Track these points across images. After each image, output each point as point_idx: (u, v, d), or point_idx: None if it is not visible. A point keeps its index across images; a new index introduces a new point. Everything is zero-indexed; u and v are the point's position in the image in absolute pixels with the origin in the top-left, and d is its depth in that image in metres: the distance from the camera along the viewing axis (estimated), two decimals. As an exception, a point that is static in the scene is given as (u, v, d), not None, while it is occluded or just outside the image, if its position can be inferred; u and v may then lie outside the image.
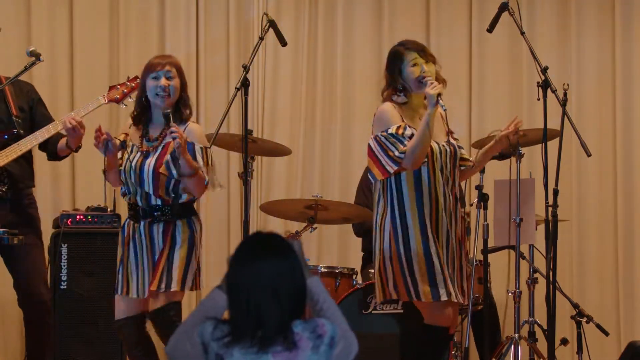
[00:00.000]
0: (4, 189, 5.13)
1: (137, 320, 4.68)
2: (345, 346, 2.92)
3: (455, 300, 4.55)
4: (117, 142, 4.61)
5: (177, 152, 4.46)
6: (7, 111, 5.21)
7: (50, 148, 5.19)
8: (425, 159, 4.54)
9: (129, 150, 4.65)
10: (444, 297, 4.50)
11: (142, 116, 4.69)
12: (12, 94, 5.25)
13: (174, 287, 4.53)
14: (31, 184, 5.31)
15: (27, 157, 5.23)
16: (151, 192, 4.58)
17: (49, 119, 5.21)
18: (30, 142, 5.08)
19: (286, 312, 2.86)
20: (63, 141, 5.07)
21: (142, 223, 4.60)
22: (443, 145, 4.61)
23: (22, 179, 5.20)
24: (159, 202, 4.59)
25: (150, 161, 4.59)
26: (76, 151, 5.10)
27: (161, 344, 4.74)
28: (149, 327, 4.71)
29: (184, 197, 4.61)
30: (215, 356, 2.86)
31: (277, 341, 2.84)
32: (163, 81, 4.60)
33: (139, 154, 4.63)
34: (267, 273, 2.86)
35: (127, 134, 4.70)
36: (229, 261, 2.93)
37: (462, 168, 4.75)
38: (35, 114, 5.27)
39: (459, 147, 4.75)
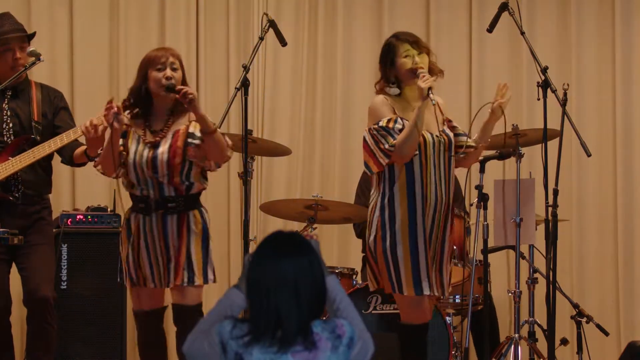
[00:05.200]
0: (17, 195, 5.14)
1: (159, 314, 4.69)
2: (362, 347, 2.93)
3: (434, 294, 4.59)
4: (125, 119, 4.56)
5: (192, 106, 4.48)
6: (29, 116, 5.22)
7: (65, 153, 5.18)
8: (417, 151, 4.55)
9: (132, 140, 4.60)
10: (426, 291, 4.53)
11: (140, 109, 4.63)
12: (39, 100, 5.26)
13: (197, 281, 4.55)
14: (45, 191, 5.28)
15: (42, 165, 5.21)
16: (166, 180, 4.55)
17: (70, 127, 5.17)
18: (44, 149, 5.07)
19: (306, 312, 2.86)
20: (82, 149, 5.04)
21: (154, 215, 4.57)
22: (437, 136, 4.61)
23: (35, 185, 5.19)
24: (172, 192, 4.57)
25: (163, 150, 4.56)
26: (91, 160, 5.07)
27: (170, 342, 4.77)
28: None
29: (195, 187, 4.62)
30: (234, 355, 2.86)
31: (296, 341, 2.84)
32: (168, 72, 4.58)
33: (146, 145, 4.58)
34: (287, 271, 2.86)
35: (129, 125, 4.63)
36: (248, 260, 2.93)
37: (461, 155, 4.72)
38: (56, 120, 5.25)
39: (461, 134, 4.74)
